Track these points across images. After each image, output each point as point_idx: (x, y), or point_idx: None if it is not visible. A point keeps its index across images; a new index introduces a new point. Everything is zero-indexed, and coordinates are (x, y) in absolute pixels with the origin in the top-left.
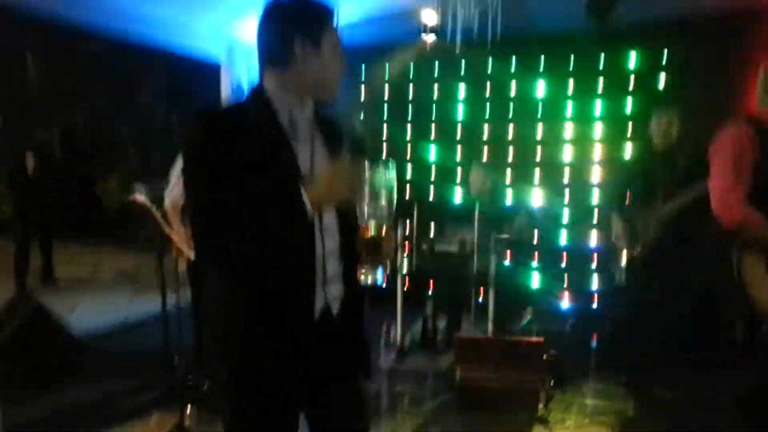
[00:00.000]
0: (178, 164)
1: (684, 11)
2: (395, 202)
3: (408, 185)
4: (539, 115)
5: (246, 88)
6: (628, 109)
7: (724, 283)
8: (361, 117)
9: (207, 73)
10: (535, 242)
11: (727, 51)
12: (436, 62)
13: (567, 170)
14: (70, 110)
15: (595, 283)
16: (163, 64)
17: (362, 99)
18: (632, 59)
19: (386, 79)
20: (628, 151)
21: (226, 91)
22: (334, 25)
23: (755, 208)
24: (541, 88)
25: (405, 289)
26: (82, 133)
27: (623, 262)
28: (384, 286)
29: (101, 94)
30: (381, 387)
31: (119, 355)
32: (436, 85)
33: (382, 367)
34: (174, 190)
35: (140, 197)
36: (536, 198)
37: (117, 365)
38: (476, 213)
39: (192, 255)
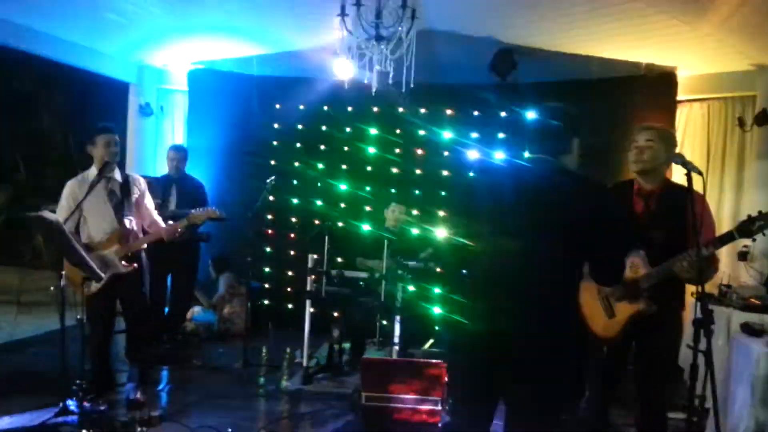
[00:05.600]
0: (69, 186)
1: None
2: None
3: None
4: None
5: (153, 107)
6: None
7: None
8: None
9: (114, 92)
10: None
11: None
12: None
13: None
14: None
15: None
16: (68, 83)
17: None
18: (529, 112)
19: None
20: None
21: (133, 110)
22: None
23: None
24: (447, 135)
25: (312, 312)
26: None
27: None
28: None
29: None
30: (287, 408)
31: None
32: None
33: (289, 388)
34: (63, 210)
35: (49, 215)
36: (442, 232)
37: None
38: (386, 243)
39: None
